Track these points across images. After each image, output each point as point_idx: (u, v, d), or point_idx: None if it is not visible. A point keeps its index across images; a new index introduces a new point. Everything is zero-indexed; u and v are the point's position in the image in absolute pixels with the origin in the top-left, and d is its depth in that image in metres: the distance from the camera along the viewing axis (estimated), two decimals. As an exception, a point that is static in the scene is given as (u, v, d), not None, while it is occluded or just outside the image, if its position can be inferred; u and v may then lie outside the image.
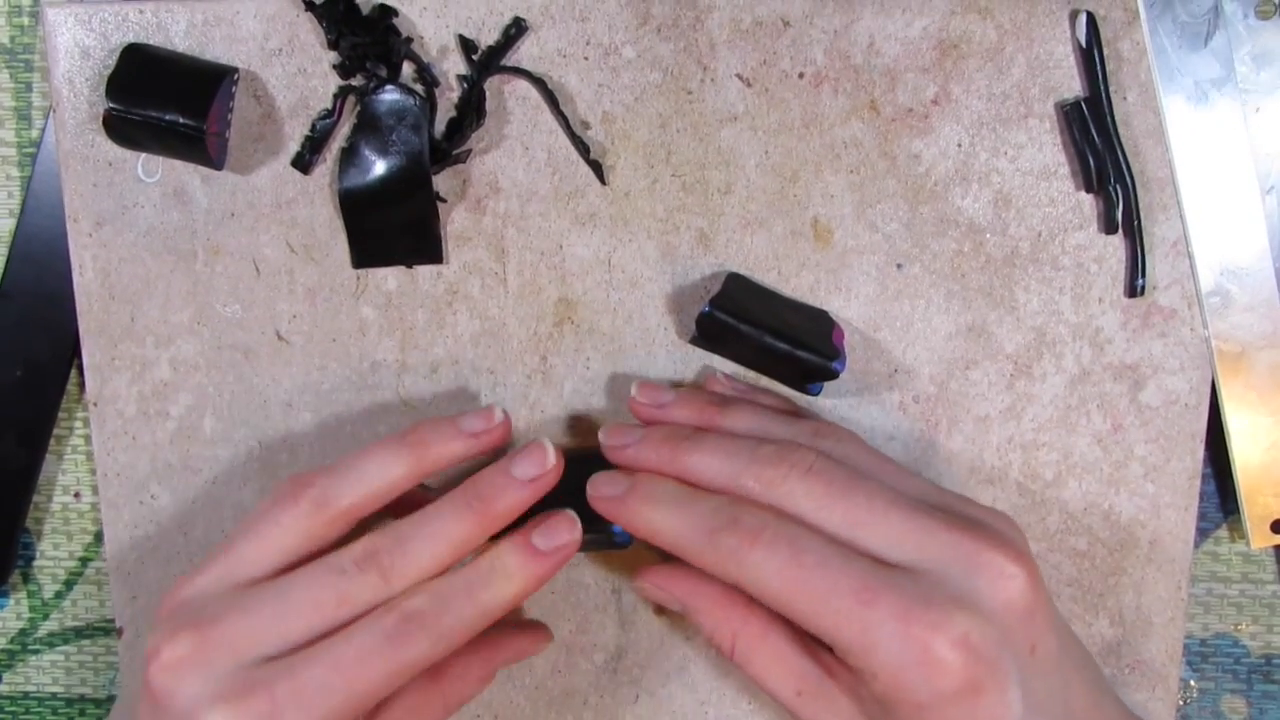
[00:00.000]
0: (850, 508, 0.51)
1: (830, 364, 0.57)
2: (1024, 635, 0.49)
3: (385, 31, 0.59)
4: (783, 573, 0.50)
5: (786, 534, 0.50)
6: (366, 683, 0.50)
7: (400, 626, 0.51)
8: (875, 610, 0.48)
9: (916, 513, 0.51)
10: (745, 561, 0.51)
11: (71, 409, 0.67)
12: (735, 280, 0.60)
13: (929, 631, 0.48)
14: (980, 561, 0.49)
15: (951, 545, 0.49)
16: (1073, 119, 0.59)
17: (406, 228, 0.60)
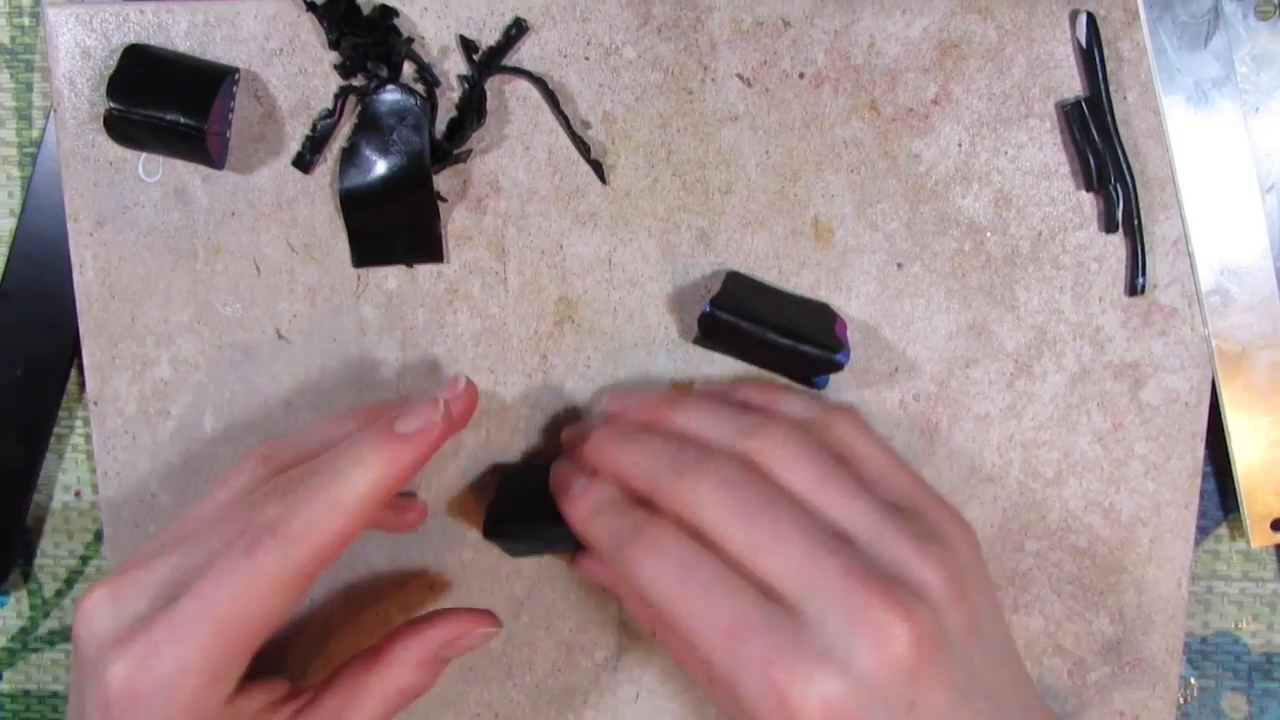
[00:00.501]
0: (753, 529, 0.50)
1: (834, 356, 0.57)
2: (900, 694, 0.47)
3: (386, 31, 0.59)
4: (668, 592, 0.50)
5: (678, 554, 0.50)
6: (232, 607, 0.49)
7: (252, 538, 0.50)
8: (743, 649, 0.48)
9: (816, 549, 0.49)
10: (638, 576, 0.51)
11: (72, 408, 0.67)
12: (735, 278, 0.60)
13: (788, 681, 0.47)
14: (864, 616, 0.47)
15: (840, 593, 0.48)
16: (1073, 119, 0.59)
17: (407, 227, 0.60)
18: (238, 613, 0.49)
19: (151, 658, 0.49)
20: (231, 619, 0.49)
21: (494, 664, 0.65)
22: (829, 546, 0.49)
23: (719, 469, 0.52)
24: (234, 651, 0.50)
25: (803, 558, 0.49)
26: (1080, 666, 0.64)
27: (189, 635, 0.49)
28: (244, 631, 0.49)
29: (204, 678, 0.49)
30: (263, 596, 0.49)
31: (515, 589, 0.64)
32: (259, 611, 0.49)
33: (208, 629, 0.49)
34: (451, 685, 0.65)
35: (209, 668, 0.49)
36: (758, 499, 0.51)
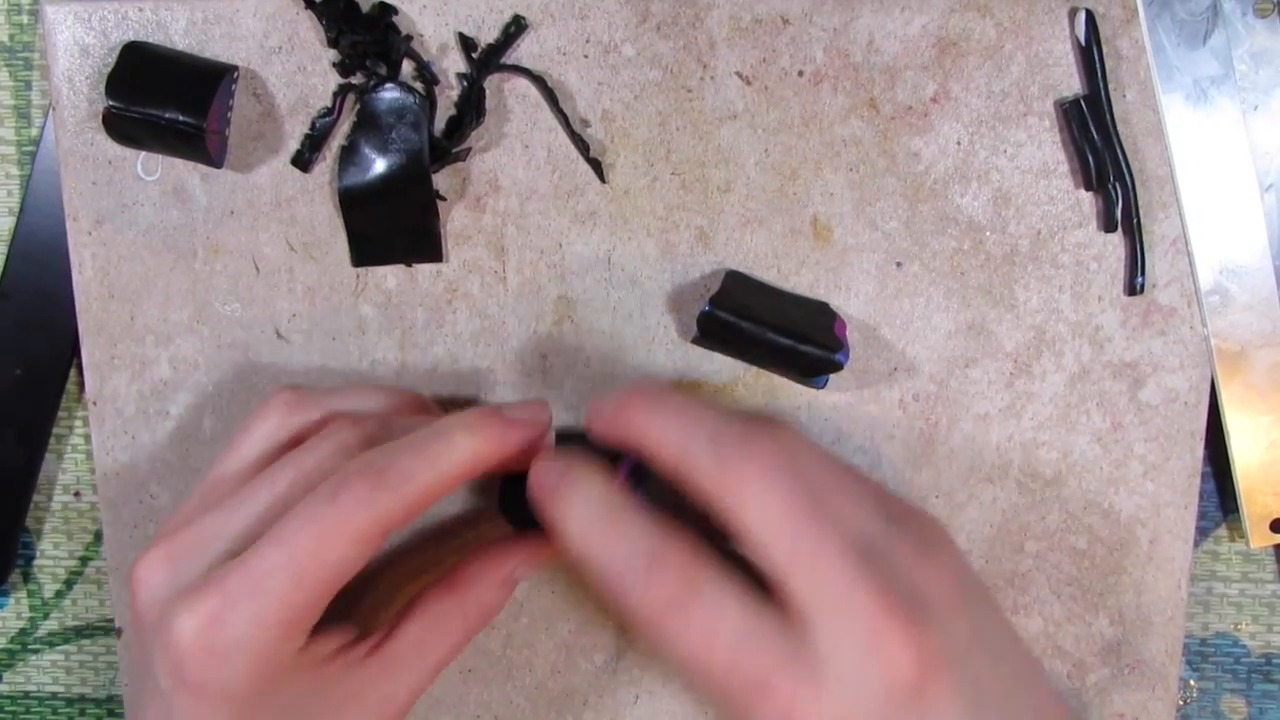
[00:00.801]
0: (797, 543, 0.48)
1: (833, 356, 0.57)
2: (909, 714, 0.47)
3: (385, 29, 0.59)
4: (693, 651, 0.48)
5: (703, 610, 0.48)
6: (312, 555, 0.48)
7: (341, 484, 0.49)
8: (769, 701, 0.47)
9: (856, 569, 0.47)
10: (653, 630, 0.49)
11: (71, 408, 0.67)
12: (734, 278, 0.60)
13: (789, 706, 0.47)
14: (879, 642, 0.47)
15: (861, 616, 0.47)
16: (1072, 117, 0.59)
17: (406, 226, 0.60)
18: (317, 561, 0.48)
19: (226, 611, 0.48)
20: (310, 568, 0.48)
21: (493, 665, 0.65)
22: (863, 562, 0.48)
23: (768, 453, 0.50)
24: (311, 601, 0.49)
25: (840, 576, 0.47)
26: (1079, 668, 0.64)
27: (266, 586, 0.48)
28: (321, 581, 0.49)
29: (280, 629, 0.48)
30: (344, 544, 0.48)
31: (516, 590, 0.64)
32: (338, 560, 0.49)
33: (285, 579, 0.48)
34: (451, 687, 0.65)
35: (286, 619, 0.48)
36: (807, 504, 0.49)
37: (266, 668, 0.49)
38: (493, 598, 0.56)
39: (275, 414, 0.55)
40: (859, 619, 0.47)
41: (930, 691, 0.47)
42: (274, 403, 0.56)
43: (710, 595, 0.48)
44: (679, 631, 0.48)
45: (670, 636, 0.49)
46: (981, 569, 0.63)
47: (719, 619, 0.48)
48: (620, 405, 0.53)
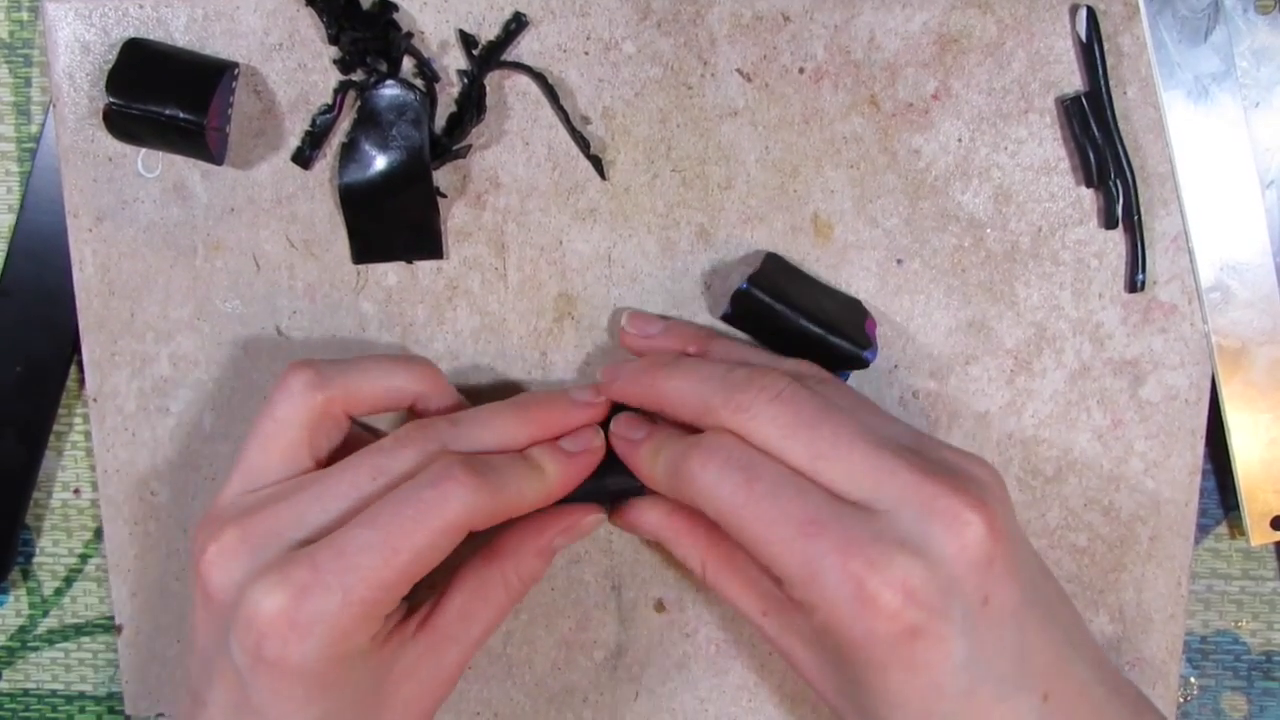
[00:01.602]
0: (814, 438, 0.50)
1: (862, 353, 0.57)
2: (976, 585, 0.48)
3: (385, 26, 0.59)
4: (733, 497, 0.50)
5: (741, 459, 0.50)
6: (407, 537, 0.49)
7: (445, 473, 0.51)
8: (817, 543, 0.48)
9: (881, 450, 0.50)
10: (700, 486, 0.51)
11: (71, 405, 0.67)
12: (774, 260, 0.60)
13: (867, 570, 0.47)
14: (937, 507, 0.48)
15: (911, 487, 0.48)
16: (1073, 114, 0.59)
17: (407, 223, 0.60)
18: (410, 542, 0.49)
19: (314, 585, 0.49)
20: (403, 548, 0.49)
21: (494, 663, 0.65)
22: (893, 449, 0.50)
23: (773, 382, 0.52)
24: (396, 582, 0.50)
25: (867, 460, 0.49)
26: (1080, 664, 0.64)
27: (357, 562, 0.49)
28: (409, 564, 0.50)
29: (364, 608, 0.49)
30: (437, 530, 0.50)
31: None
32: (428, 545, 0.50)
33: (377, 557, 0.49)
34: (450, 684, 0.65)
35: (371, 597, 0.49)
36: (814, 410, 0.51)
37: (343, 646, 0.50)
38: (533, 566, 0.57)
39: (298, 394, 0.55)
40: (910, 489, 0.49)
41: (998, 562, 0.48)
42: (293, 383, 0.55)
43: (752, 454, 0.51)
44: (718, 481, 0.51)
45: (712, 488, 0.51)
46: (982, 566, 0.63)
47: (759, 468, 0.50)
48: (639, 372, 0.56)
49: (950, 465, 0.51)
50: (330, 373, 0.55)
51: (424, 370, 0.57)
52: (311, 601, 0.49)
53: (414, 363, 0.57)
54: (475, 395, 0.62)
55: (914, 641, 0.47)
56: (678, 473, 0.52)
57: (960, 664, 0.48)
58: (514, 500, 0.53)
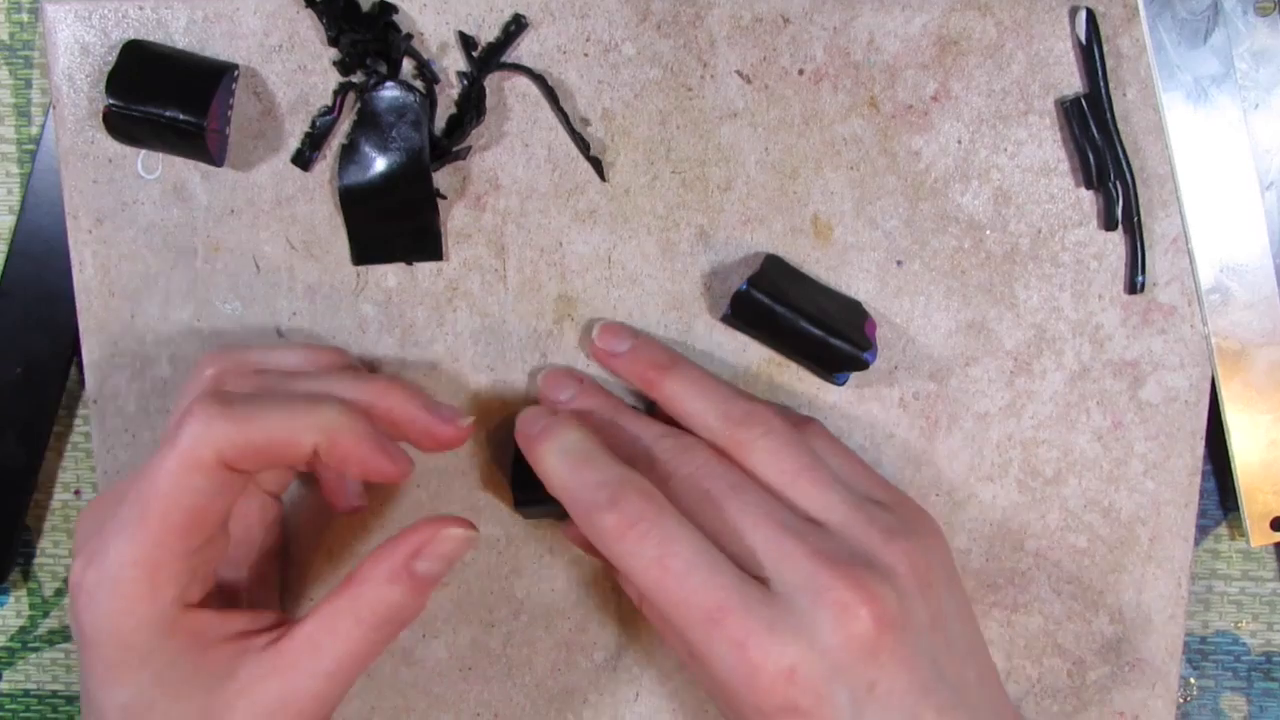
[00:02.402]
0: (721, 516, 0.53)
1: (862, 354, 0.57)
2: (861, 673, 0.49)
3: (385, 28, 0.59)
4: (647, 570, 0.51)
5: (659, 532, 0.51)
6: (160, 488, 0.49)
7: (187, 413, 0.50)
8: (719, 629, 0.50)
9: (782, 534, 0.51)
10: (614, 547, 0.52)
11: (71, 406, 0.67)
12: (774, 261, 0.60)
13: (759, 657, 0.49)
14: (829, 598, 0.50)
15: (807, 574, 0.50)
16: (1072, 115, 0.59)
17: (406, 225, 0.60)
18: (164, 499, 0.49)
19: (99, 553, 0.50)
20: (158, 506, 0.49)
21: (493, 663, 0.65)
22: (796, 530, 0.52)
23: (690, 461, 0.54)
24: (168, 541, 0.49)
25: (770, 540, 0.51)
26: (1079, 666, 0.64)
27: (124, 525, 0.49)
28: (172, 519, 0.49)
29: (142, 569, 0.49)
30: (187, 479, 0.49)
31: (515, 588, 0.64)
32: (186, 498, 0.49)
33: (138, 517, 0.49)
34: (451, 685, 0.65)
35: (146, 558, 0.49)
36: (726, 486, 0.53)
37: (137, 614, 0.50)
38: (386, 594, 0.52)
39: (202, 375, 0.56)
40: (803, 576, 0.50)
41: (885, 651, 0.50)
42: (201, 364, 0.57)
43: (668, 525, 0.51)
44: (634, 552, 0.51)
45: (628, 557, 0.51)
46: (982, 567, 0.63)
47: (674, 543, 0.51)
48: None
49: (864, 548, 0.52)
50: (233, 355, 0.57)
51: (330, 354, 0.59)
52: (95, 567, 0.50)
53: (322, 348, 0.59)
54: (473, 398, 0.62)
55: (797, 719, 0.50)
56: (594, 523, 0.52)
57: None
58: (271, 433, 0.50)
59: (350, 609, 0.52)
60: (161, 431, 0.59)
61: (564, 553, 0.63)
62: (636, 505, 0.52)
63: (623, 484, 0.52)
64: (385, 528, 0.63)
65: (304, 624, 0.52)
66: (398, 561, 0.52)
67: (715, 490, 0.53)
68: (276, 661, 0.52)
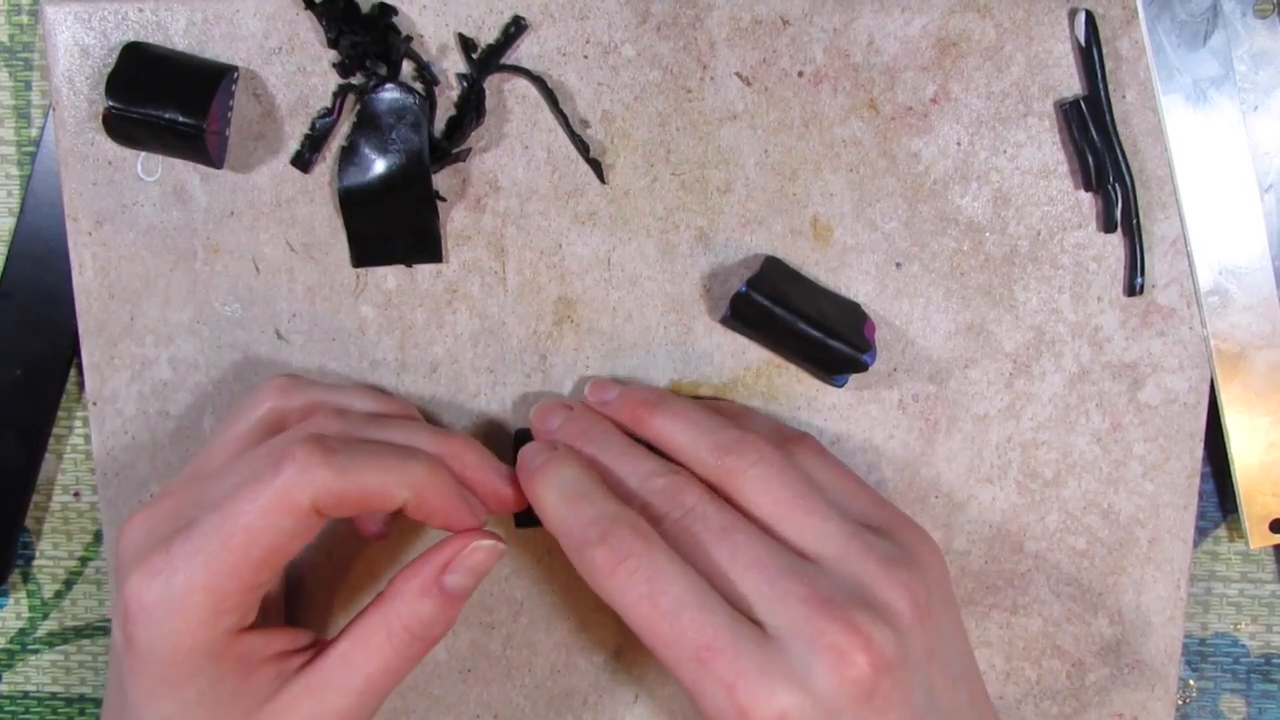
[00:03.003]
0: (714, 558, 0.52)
1: (861, 356, 0.57)
2: (854, 716, 0.49)
3: (385, 30, 0.59)
4: (637, 607, 0.50)
5: (650, 569, 0.51)
6: (245, 523, 0.49)
7: (285, 454, 0.50)
8: (708, 669, 0.49)
9: (778, 576, 0.50)
10: (604, 583, 0.51)
11: (71, 408, 0.67)
12: (773, 263, 0.60)
13: (749, 701, 0.48)
14: (824, 643, 0.49)
15: (802, 618, 0.49)
16: (1072, 117, 0.59)
17: (406, 226, 0.60)
18: (247, 533, 0.49)
19: (165, 571, 0.49)
20: (240, 540, 0.49)
21: (493, 665, 0.65)
22: (792, 571, 0.51)
23: (682, 504, 0.53)
24: (241, 573, 0.50)
25: (763, 584, 0.50)
26: (1079, 668, 0.64)
27: (199, 550, 0.49)
28: (252, 555, 0.49)
29: (210, 595, 0.49)
30: (275, 514, 0.49)
31: (515, 590, 0.64)
32: (270, 536, 0.49)
33: (216, 547, 0.49)
34: (451, 686, 0.65)
35: (215, 586, 0.49)
36: (718, 526, 0.52)
37: (194, 637, 0.50)
38: (418, 609, 0.54)
39: (268, 398, 0.57)
40: (799, 621, 0.49)
41: (880, 694, 0.49)
42: (268, 387, 0.57)
43: (659, 561, 0.51)
44: (624, 589, 0.51)
45: (617, 593, 0.51)
46: (981, 569, 0.63)
47: (664, 580, 0.50)
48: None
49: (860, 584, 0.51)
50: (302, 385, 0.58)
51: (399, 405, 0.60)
52: (160, 585, 0.49)
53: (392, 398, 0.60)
54: (473, 398, 0.62)
55: None
56: (582, 558, 0.52)
57: None
58: (368, 485, 0.51)
59: (382, 624, 0.54)
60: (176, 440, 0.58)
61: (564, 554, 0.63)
62: (627, 541, 0.51)
63: (615, 520, 0.52)
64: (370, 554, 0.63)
65: (338, 643, 0.54)
66: (429, 576, 0.54)
67: (706, 534, 0.52)
68: (311, 680, 0.53)
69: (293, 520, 0.50)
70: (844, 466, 0.58)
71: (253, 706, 0.52)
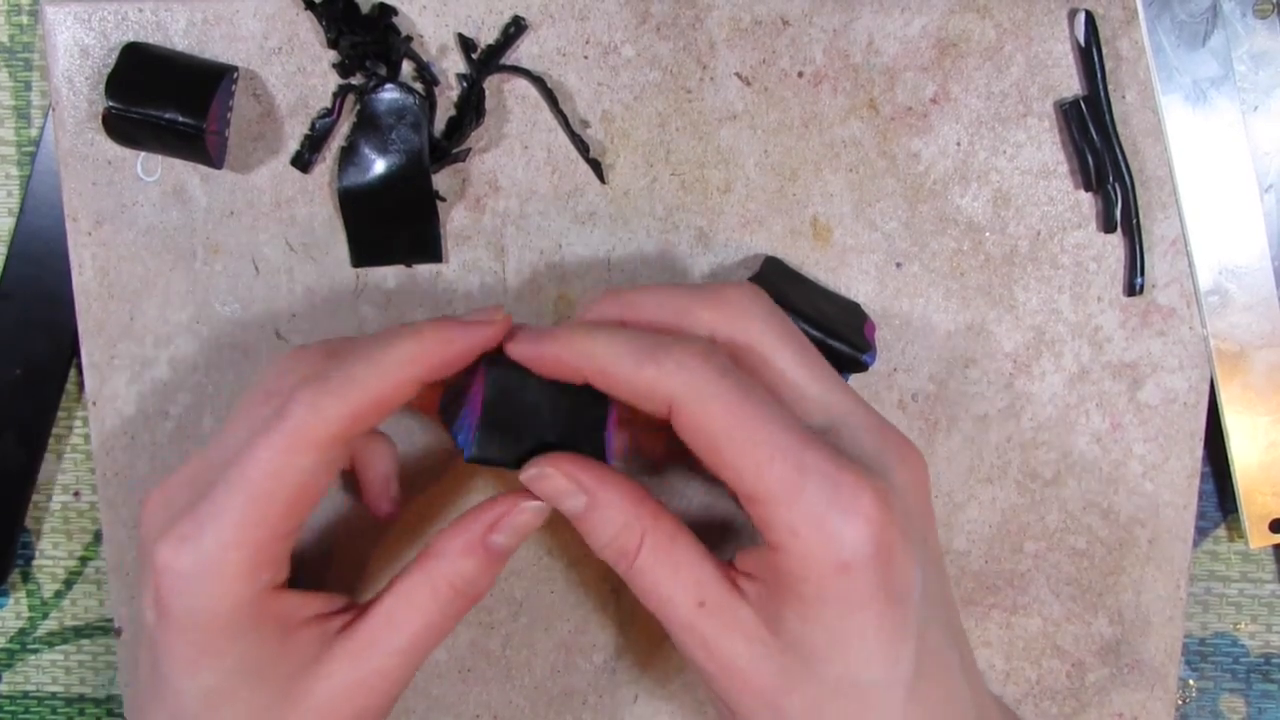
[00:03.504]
0: (803, 347, 0.51)
1: (861, 356, 0.57)
2: (920, 520, 0.49)
3: (385, 30, 0.59)
4: (727, 400, 0.48)
5: (729, 366, 0.49)
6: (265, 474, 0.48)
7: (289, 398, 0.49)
8: (812, 452, 0.47)
9: (845, 389, 0.51)
10: (684, 384, 0.48)
11: (71, 408, 0.67)
12: (773, 263, 0.60)
13: (855, 480, 0.46)
14: (893, 440, 0.50)
15: (874, 422, 0.50)
16: (1071, 118, 0.59)
17: (406, 226, 0.60)
18: (271, 479, 0.49)
19: (194, 535, 0.49)
20: (265, 486, 0.49)
21: (493, 665, 0.65)
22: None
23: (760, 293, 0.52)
24: (272, 524, 0.49)
25: (838, 387, 0.51)
26: (1079, 668, 0.64)
27: (226, 508, 0.49)
28: (278, 499, 0.49)
29: (244, 550, 0.49)
30: (295, 459, 0.49)
31: (515, 590, 0.64)
32: (293, 476, 0.49)
33: (242, 499, 0.48)
34: (451, 686, 0.65)
35: (248, 539, 0.49)
36: (787, 325, 0.52)
37: (234, 596, 0.49)
38: (462, 567, 0.53)
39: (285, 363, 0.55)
40: (869, 426, 0.50)
41: (927, 514, 0.50)
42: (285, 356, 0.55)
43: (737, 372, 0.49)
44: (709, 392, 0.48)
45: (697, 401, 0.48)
46: (981, 569, 0.63)
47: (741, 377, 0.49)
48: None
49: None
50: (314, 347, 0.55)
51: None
52: (191, 549, 0.49)
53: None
54: (474, 399, 0.62)
55: (891, 560, 0.47)
56: (656, 361, 0.48)
57: (920, 598, 0.48)
58: (373, 390, 0.50)
59: (426, 582, 0.53)
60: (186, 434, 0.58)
61: (563, 554, 0.64)
62: (699, 344, 0.49)
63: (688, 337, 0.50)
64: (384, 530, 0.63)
65: (380, 602, 0.53)
66: (475, 535, 0.53)
67: (790, 327, 0.51)
68: (355, 641, 0.52)
69: (311, 456, 0.49)
70: None
71: (295, 672, 0.51)
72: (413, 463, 0.63)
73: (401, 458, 0.61)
